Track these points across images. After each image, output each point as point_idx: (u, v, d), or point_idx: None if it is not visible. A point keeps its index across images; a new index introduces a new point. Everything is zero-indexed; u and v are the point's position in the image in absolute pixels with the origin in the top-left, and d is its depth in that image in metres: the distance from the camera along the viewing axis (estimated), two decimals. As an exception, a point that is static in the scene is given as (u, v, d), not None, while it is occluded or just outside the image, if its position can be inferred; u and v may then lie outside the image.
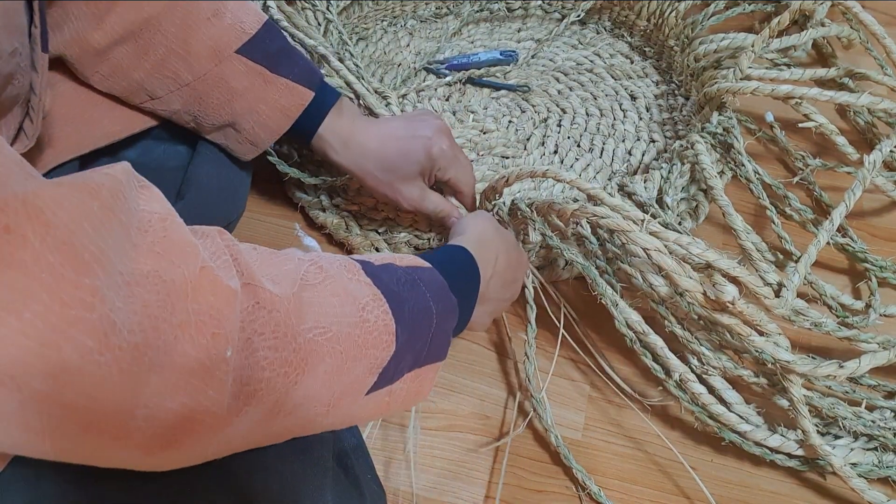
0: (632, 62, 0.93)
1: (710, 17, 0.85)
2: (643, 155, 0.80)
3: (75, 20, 0.51)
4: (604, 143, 0.82)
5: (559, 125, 0.83)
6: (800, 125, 0.75)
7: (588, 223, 0.59)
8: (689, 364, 0.56)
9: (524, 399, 0.61)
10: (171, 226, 0.30)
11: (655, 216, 0.63)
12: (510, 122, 0.84)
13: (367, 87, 0.69)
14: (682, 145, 0.71)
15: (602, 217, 0.52)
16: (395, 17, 0.96)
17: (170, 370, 0.27)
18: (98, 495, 0.34)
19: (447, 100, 0.86)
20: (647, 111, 0.86)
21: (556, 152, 0.81)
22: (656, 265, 0.51)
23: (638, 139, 0.82)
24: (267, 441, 0.35)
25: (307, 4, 0.80)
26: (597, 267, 0.58)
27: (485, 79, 0.88)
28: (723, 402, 0.56)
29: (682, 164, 0.71)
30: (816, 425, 0.56)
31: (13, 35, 0.40)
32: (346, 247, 0.71)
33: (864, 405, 0.58)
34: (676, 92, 0.88)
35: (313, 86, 0.56)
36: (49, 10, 0.51)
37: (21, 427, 0.25)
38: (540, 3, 0.97)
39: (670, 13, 0.88)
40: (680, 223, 0.71)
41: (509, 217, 0.60)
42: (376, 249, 0.70)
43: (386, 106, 0.69)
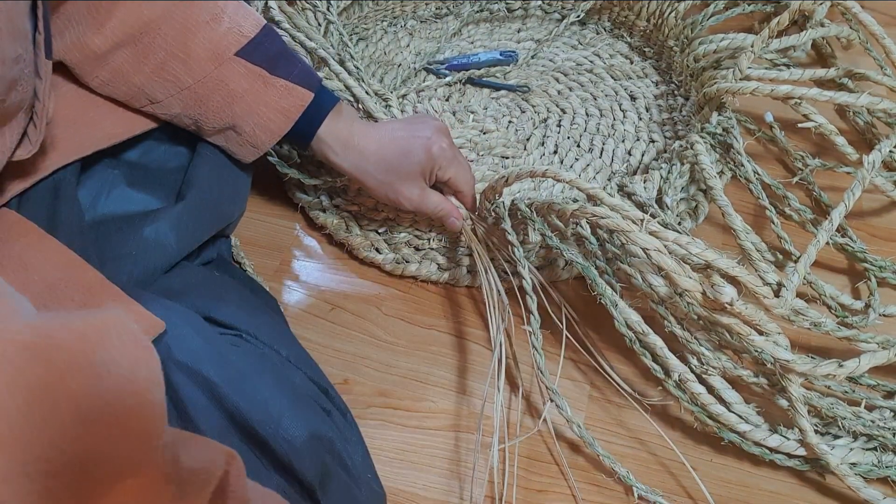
0: (631, 62, 0.93)
1: (710, 17, 0.85)
2: (643, 155, 0.80)
3: (76, 25, 0.51)
4: (603, 144, 0.82)
5: (559, 125, 0.83)
6: (799, 125, 0.75)
7: (587, 223, 0.59)
8: (688, 364, 0.56)
9: (528, 396, 0.61)
10: None
11: (655, 216, 0.63)
12: (510, 122, 0.84)
13: (367, 90, 0.69)
14: (681, 145, 0.71)
15: (601, 217, 0.52)
16: (395, 18, 0.96)
17: None
18: None
19: (447, 100, 0.86)
20: (647, 111, 0.86)
21: (555, 152, 0.81)
22: (656, 265, 0.51)
23: (637, 139, 0.82)
24: None
25: (308, 5, 0.80)
26: (596, 267, 0.58)
27: (485, 79, 0.88)
28: (722, 401, 0.56)
29: (682, 164, 0.71)
30: (816, 425, 0.56)
31: (17, 41, 0.40)
32: (346, 247, 0.71)
33: (863, 405, 0.58)
34: (676, 92, 0.88)
35: (312, 87, 0.56)
36: (51, 16, 0.51)
37: None
38: (540, 3, 0.98)
39: (670, 13, 0.89)
40: (679, 223, 0.72)
41: (509, 219, 0.60)
42: (377, 250, 0.70)
43: (386, 108, 0.69)
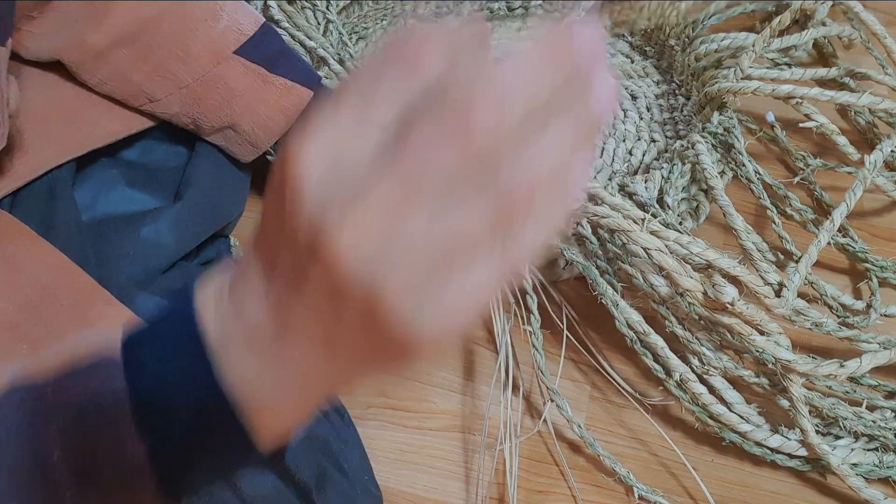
0: (632, 62, 0.92)
1: (711, 16, 0.85)
2: (644, 155, 0.80)
3: (73, 24, 0.51)
4: (604, 143, 0.81)
5: (559, 125, 0.83)
6: (800, 125, 0.75)
7: (588, 223, 0.59)
8: (689, 364, 0.56)
9: (528, 396, 0.61)
10: None
11: (656, 216, 0.63)
12: (510, 121, 0.84)
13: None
14: (682, 145, 0.71)
15: (602, 217, 0.52)
16: (395, 17, 0.96)
17: None
18: None
19: (447, 100, 0.86)
20: (648, 111, 0.86)
21: (556, 152, 0.80)
22: (657, 265, 0.51)
23: (638, 139, 0.82)
24: None
25: (307, 4, 0.80)
26: (597, 267, 0.58)
27: (485, 79, 0.87)
28: (723, 402, 0.55)
29: (683, 164, 0.71)
30: (817, 426, 0.56)
31: None
32: (347, 247, 0.71)
33: (864, 405, 0.58)
34: (677, 92, 0.88)
35: (312, 86, 0.56)
36: (45, 13, 0.51)
37: None
38: (540, 3, 0.97)
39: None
40: (680, 223, 0.71)
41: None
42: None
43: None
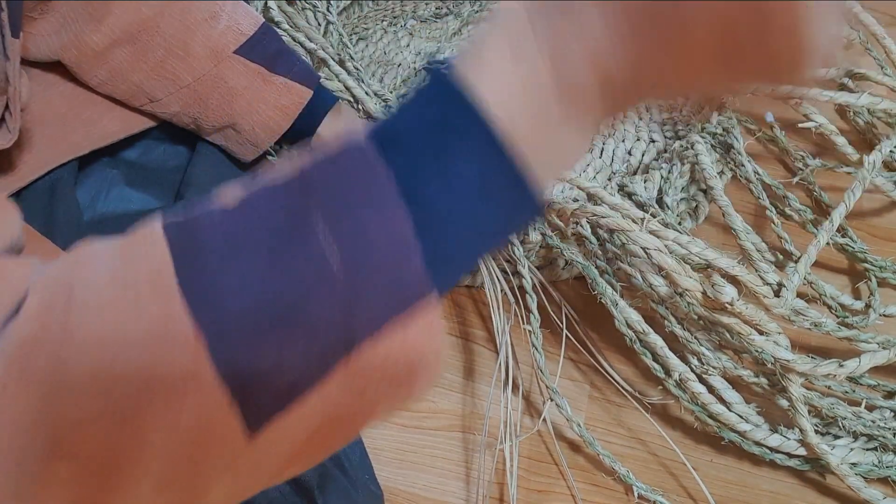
0: (632, 62, 0.92)
1: (710, 17, 0.85)
2: (643, 155, 0.80)
3: (73, 23, 0.51)
4: (603, 143, 0.81)
5: (559, 125, 0.83)
6: (800, 125, 0.75)
7: (588, 223, 0.59)
8: (688, 364, 0.56)
9: (528, 396, 0.61)
10: None
11: (655, 216, 0.63)
12: (510, 122, 0.84)
13: (366, 91, 0.69)
14: (682, 145, 0.71)
15: (602, 216, 0.52)
16: (395, 17, 0.96)
17: None
18: None
19: (447, 100, 0.86)
20: (647, 111, 0.86)
21: (555, 152, 0.81)
22: (656, 265, 0.51)
23: (638, 139, 0.82)
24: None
25: (307, 5, 0.80)
26: (597, 267, 0.58)
27: (485, 79, 0.87)
28: (723, 401, 0.56)
29: (682, 164, 0.71)
30: (816, 425, 0.56)
31: None
32: (346, 247, 0.71)
33: (863, 405, 0.58)
34: (676, 92, 0.88)
35: (311, 85, 0.56)
36: (45, 14, 0.51)
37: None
38: (540, 3, 0.97)
39: (670, 13, 0.88)
40: (680, 223, 0.71)
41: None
42: (376, 249, 0.70)
43: (386, 109, 0.69)
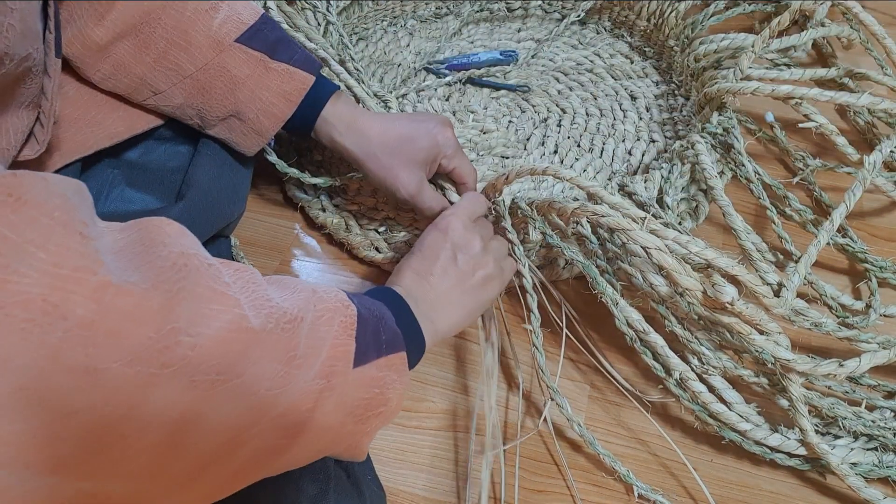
0: (632, 62, 0.93)
1: (710, 17, 0.85)
2: (643, 155, 0.80)
3: (77, 19, 0.52)
4: (604, 143, 0.82)
5: (559, 125, 0.83)
6: (800, 125, 0.75)
7: (588, 222, 0.59)
8: (689, 364, 0.56)
9: (528, 394, 0.61)
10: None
11: (656, 216, 0.63)
12: (510, 122, 0.84)
13: (367, 91, 0.69)
14: (682, 145, 0.71)
15: (602, 216, 0.52)
16: (395, 17, 0.96)
17: (198, 298, 0.31)
18: None
19: (447, 100, 0.86)
20: (647, 111, 0.86)
21: (556, 152, 0.81)
22: (656, 264, 0.51)
23: (638, 139, 0.82)
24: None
25: (307, 5, 0.80)
26: (597, 266, 0.58)
27: (485, 79, 0.88)
28: (723, 401, 0.56)
29: (683, 164, 0.71)
30: (816, 425, 0.56)
31: (28, 40, 0.40)
32: (346, 246, 0.71)
33: (863, 405, 0.58)
34: (676, 92, 0.88)
35: (313, 71, 0.57)
36: None
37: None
38: (540, 3, 0.97)
39: (670, 13, 0.88)
40: (680, 223, 0.71)
41: (509, 216, 0.60)
42: (376, 249, 0.70)
43: (386, 110, 0.69)
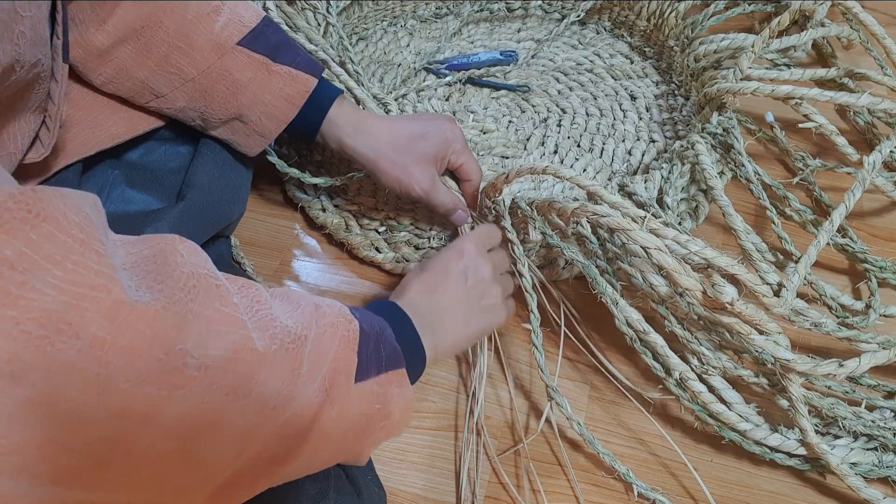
0: (632, 62, 0.93)
1: (710, 17, 0.85)
2: (643, 155, 0.80)
3: (78, 23, 0.52)
4: (604, 144, 0.82)
5: (559, 125, 0.83)
6: (800, 125, 0.75)
7: (588, 222, 0.59)
8: (689, 364, 0.56)
9: (528, 396, 0.61)
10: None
11: (656, 216, 0.63)
12: (510, 122, 0.84)
13: (367, 93, 0.69)
14: (682, 145, 0.71)
15: (602, 215, 0.52)
16: (395, 18, 0.96)
17: (206, 320, 0.31)
18: None
19: (447, 100, 0.86)
20: (647, 111, 0.86)
21: (556, 152, 0.81)
22: (656, 264, 0.51)
23: (638, 139, 0.82)
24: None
25: (307, 6, 0.80)
26: (597, 266, 0.58)
27: (485, 79, 0.88)
28: (723, 401, 0.56)
29: (683, 164, 0.71)
30: (816, 425, 0.56)
31: (37, 46, 0.41)
32: (346, 246, 0.71)
33: (863, 405, 0.58)
34: (676, 92, 0.88)
35: (316, 74, 0.57)
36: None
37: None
38: (540, 3, 0.97)
39: (670, 13, 0.88)
40: (680, 223, 0.71)
41: (509, 215, 0.60)
42: (376, 249, 0.70)
43: (385, 114, 0.69)
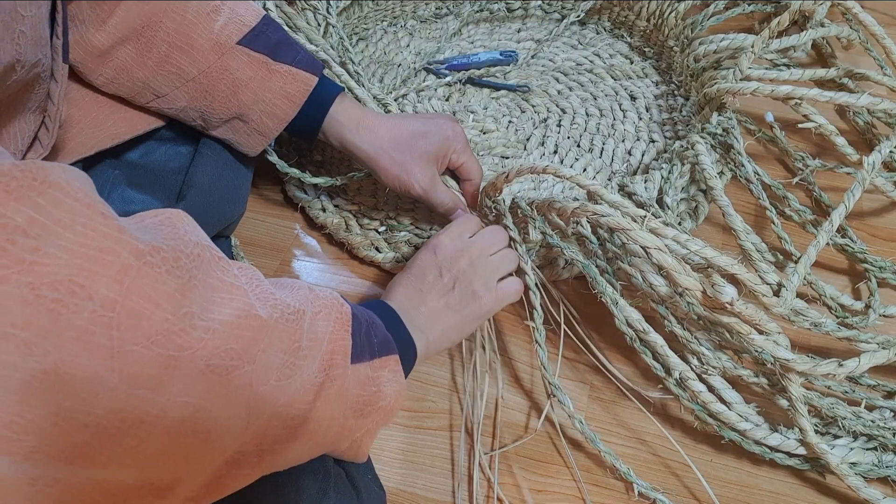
0: (631, 62, 0.93)
1: (710, 17, 0.85)
2: (643, 155, 0.80)
3: (79, 24, 0.52)
4: (603, 144, 0.82)
5: (559, 125, 0.83)
6: (799, 126, 0.75)
7: (588, 222, 0.59)
8: (688, 363, 0.56)
9: (529, 395, 0.61)
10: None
11: (656, 216, 0.63)
12: (510, 122, 0.84)
13: (367, 93, 0.69)
14: (682, 146, 0.71)
15: (602, 215, 0.52)
16: (395, 18, 0.96)
17: (210, 288, 0.32)
18: None
19: (447, 100, 0.86)
20: (647, 111, 0.86)
21: (555, 152, 0.81)
22: (656, 264, 0.51)
23: (638, 139, 0.82)
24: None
25: (307, 6, 0.80)
26: (597, 266, 0.58)
27: (485, 79, 0.88)
28: (723, 401, 0.56)
29: (682, 164, 0.71)
30: (816, 425, 0.56)
31: (38, 47, 0.41)
32: (347, 246, 0.71)
33: (863, 405, 0.58)
34: (676, 92, 0.88)
35: (316, 72, 0.57)
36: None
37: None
38: (540, 3, 0.98)
39: (670, 14, 0.89)
40: (680, 223, 0.71)
41: (509, 215, 0.60)
42: (376, 249, 0.70)
43: (385, 113, 0.69)
